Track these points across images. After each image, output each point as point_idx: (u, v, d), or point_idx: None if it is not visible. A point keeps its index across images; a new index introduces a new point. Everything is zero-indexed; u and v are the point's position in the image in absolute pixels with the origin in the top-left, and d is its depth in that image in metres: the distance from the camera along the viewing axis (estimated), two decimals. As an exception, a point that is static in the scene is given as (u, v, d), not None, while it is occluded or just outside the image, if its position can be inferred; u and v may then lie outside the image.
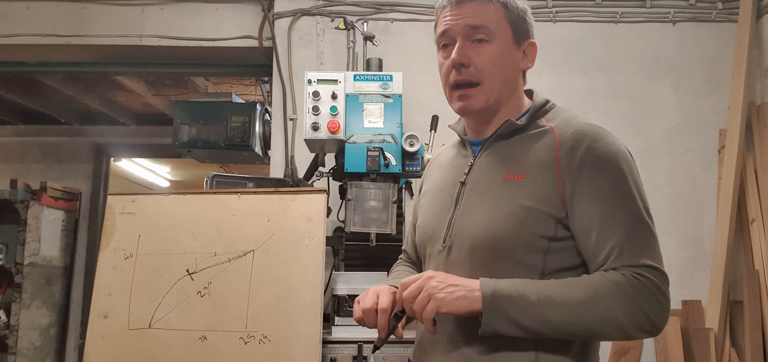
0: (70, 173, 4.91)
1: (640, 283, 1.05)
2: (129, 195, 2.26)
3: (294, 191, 2.23)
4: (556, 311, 1.05)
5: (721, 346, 2.75)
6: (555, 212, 1.10)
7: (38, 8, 3.32)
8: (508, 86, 1.23)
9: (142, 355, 2.02)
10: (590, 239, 1.09)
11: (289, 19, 3.15)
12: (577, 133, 1.13)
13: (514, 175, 1.14)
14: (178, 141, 2.96)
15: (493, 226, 1.13)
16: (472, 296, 1.06)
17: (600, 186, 1.09)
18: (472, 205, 1.19)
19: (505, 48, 1.20)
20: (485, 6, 1.18)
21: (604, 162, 1.10)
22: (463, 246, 1.17)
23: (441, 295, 1.07)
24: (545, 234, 1.10)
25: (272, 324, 1.99)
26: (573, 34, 3.14)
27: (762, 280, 2.76)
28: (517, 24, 1.21)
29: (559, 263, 1.12)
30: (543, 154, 1.14)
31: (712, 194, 3.02)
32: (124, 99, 4.77)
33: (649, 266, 1.07)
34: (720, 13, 3.12)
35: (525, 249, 1.11)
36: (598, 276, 1.08)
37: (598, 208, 1.09)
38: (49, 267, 4.40)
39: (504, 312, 1.05)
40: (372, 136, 2.29)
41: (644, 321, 1.05)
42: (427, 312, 1.07)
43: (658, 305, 1.06)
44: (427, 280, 1.09)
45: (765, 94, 2.99)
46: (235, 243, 2.11)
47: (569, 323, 1.05)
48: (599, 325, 1.05)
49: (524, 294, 1.06)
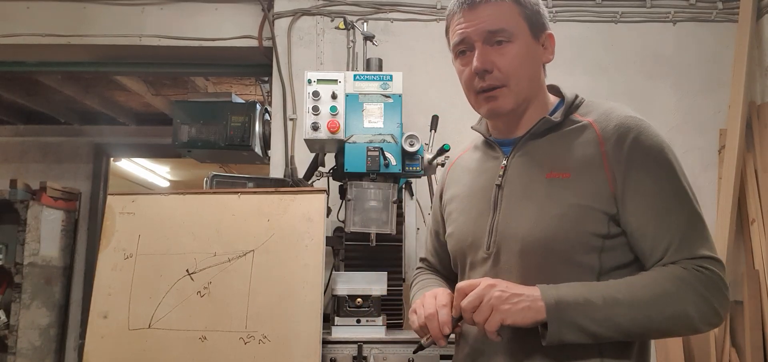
0: (69, 173, 4.91)
1: (704, 276, 1.03)
2: (129, 195, 2.26)
3: (294, 191, 2.23)
4: (624, 313, 1.01)
5: (721, 346, 2.75)
6: (607, 208, 1.07)
7: (38, 8, 3.32)
8: (534, 83, 1.19)
9: (141, 355, 2.02)
10: (647, 234, 1.06)
11: (289, 19, 3.15)
12: (620, 125, 1.10)
13: (559, 173, 1.10)
14: (177, 141, 2.96)
15: (544, 228, 1.08)
16: (536, 306, 1.02)
17: (652, 181, 1.07)
18: (516, 208, 1.14)
19: (526, 45, 1.16)
20: (499, 6, 1.14)
21: (653, 155, 1.08)
22: (512, 251, 1.12)
23: (505, 307, 1.02)
24: (599, 232, 1.07)
25: (272, 324, 1.99)
26: (573, 34, 3.14)
27: (762, 280, 2.75)
28: (533, 18, 1.17)
29: (615, 261, 1.09)
30: (588, 150, 1.10)
31: (712, 194, 3.02)
32: (123, 99, 4.77)
33: (708, 257, 1.05)
34: (720, 13, 3.12)
35: (580, 249, 1.07)
36: (661, 272, 1.05)
37: (652, 203, 1.06)
38: (48, 267, 4.39)
39: (570, 319, 1.01)
40: (372, 136, 2.29)
41: (711, 314, 1.04)
42: (490, 325, 1.03)
43: (722, 295, 1.04)
44: (488, 289, 1.04)
45: (765, 94, 2.99)
46: (235, 243, 2.11)
47: (638, 324, 1.02)
48: (669, 323, 1.03)
49: (589, 299, 1.02)
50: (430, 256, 1.44)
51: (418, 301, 1.18)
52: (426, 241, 1.47)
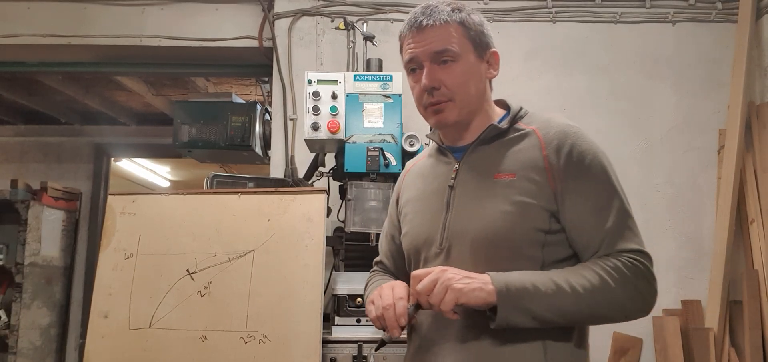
0: (70, 173, 4.92)
1: (636, 267, 1.14)
2: (129, 195, 2.26)
3: (294, 191, 2.23)
4: (568, 299, 1.11)
5: (720, 346, 2.75)
6: (548, 206, 1.17)
7: (38, 8, 3.32)
8: (479, 97, 1.29)
9: (142, 355, 2.02)
10: (584, 229, 1.18)
11: (289, 20, 3.15)
12: (560, 132, 1.22)
13: (505, 174, 1.21)
14: (178, 141, 2.97)
15: (492, 223, 1.18)
16: (487, 289, 1.11)
17: (588, 182, 1.18)
18: (466, 206, 1.24)
19: (470, 63, 1.26)
20: (445, 28, 1.24)
21: (588, 160, 1.19)
22: (463, 245, 1.21)
23: (459, 286, 1.11)
24: (542, 227, 1.17)
25: (272, 324, 2.00)
26: (573, 34, 3.14)
27: (761, 280, 2.76)
28: (476, 39, 1.27)
29: (555, 254, 1.19)
30: (531, 154, 1.22)
31: (711, 194, 3.03)
32: (124, 99, 4.77)
33: (639, 250, 1.16)
34: (720, 13, 3.12)
35: (525, 242, 1.17)
36: (598, 263, 1.15)
37: (588, 202, 1.17)
38: (49, 267, 4.40)
39: (518, 304, 1.10)
40: (372, 136, 2.29)
41: (641, 301, 1.15)
42: (445, 304, 1.10)
43: (649, 285, 1.16)
44: (441, 273, 1.13)
45: (765, 94, 3.00)
46: (235, 243, 2.11)
47: (579, 310, 1.12)
48: (606, 309, 1.13)
49: (536, 285, 1.11)
50: (386, 258, 1.51)
51: (376, 292, 1.25)
52: (381, 245, 1.54)
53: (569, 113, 3.07)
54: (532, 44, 3.13)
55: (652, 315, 2.94)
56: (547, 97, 3.05)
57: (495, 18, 3.09)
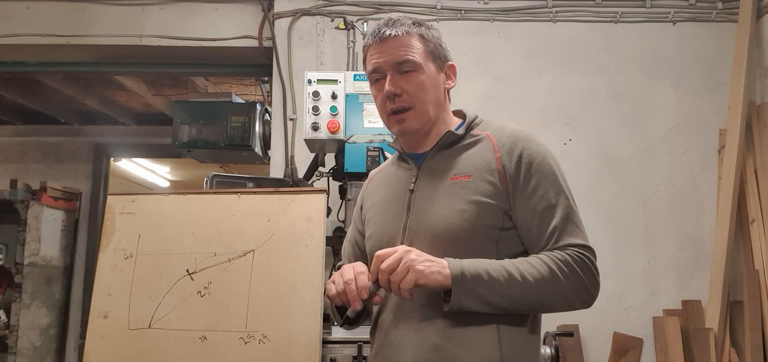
0: (70, 173, 4.91)
1: (581, 260, 1.22)
2: (129, 195, 2.26)
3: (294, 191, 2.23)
4: (518, 287, 1.19)
5: (721, 346, 2.75)
6: (502, 204, 1.26)
7: (38, 8, 3.32)
8: (438, 106, 1.37)
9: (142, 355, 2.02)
10: (533, 225, 1.26)
11: (289, 19, 3.15)
12: (512, 136, 1.32)
13: (461, 176, 1.30)
14: (178, 141, 2.96)
15: (450, 222, 1.26)
16: (444, 273, 1.18)
17: (537, 183, 1.27)
18: (425, 207, 1.32)
19: (429, 74, 1.35)
20: (406, 40, 1.34)
21: (538, 161, 1.28)
22: (423, 243, 1.27)
23: (420, 267, 1.17)
24: (495, 224, 1.26)
25: (272, 324, 1.99)
26: (573, 34, 3.14)
27: (762, 280, 2.76)
28: (434, 52, 1.37)
29: (508, 250, 1.27)
30: (485, 156, 1.31)
31: (712, 194, 3.02)
32: (124, 99, 4.77)
33: (583, 245, 1.24)
34: (720, 13, 3.12)
35: (481, 239, 1.26)
36: (547, 256, 1.23)
37: (537, 200, 1.26)
38: (49, 267, 4.40)
39: (471, 289, 1.18)
40: (372, 136, 2.29)
41: (585, 293, 1.23)
42: (405, 283, 1.17)
43: (594, 278, 1.24)
44: (405, 253, 1.19)
45: (765, 94, 2.99)
46: (235, 243, 2.11)
47: (528, 298, 1.20)
48: (552, 298, 1.22)
49: (489, 272, 1.19)
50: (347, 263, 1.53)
51: (337, 272, 1.30)
52: (344, 250, 1.60)
53: (569, 113, 3.07)
54: (532, 44, 3.13)
55: (653, 315, 2.94)
56: (547, 97, 3.05)
57: (495, 18, 3.09)
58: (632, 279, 2.98)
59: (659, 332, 2.87)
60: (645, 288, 2.98)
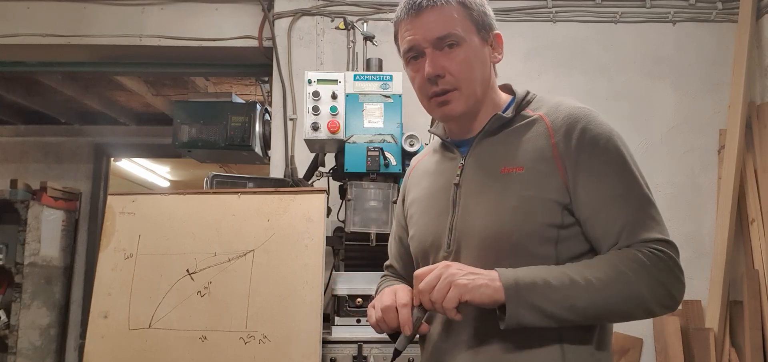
0: (70, 173, 4.91)
1: (658, 258, 1.04)
2: (129, 195, 2.26)
3: (294, 191, 2.23)
4: (581, 294, 1.02)
5: (721, 346, 2.75)
6: (560, 198, 1.08)
7: (38, 8, 3.32)
8: (485, 84, 1.20)
9: (142, 355, 2.02)
10: (599, 220, 1.08)
11: (289, 19, 3.15)
12: (569, 116, 1.12)
13: (512, 167, 1.12)
14: (178, 141, 2.96)
15: (501, 221, 1.09)
16: (494, 285, 1.02)
17: (602, 168, 1.08)
18: (473, 204, 1.15)
19: (475, 48, 1.17)
20: (446, 11, 1.15)
21: (601, 143, 1.09)
22: (471, 247, 1.13)
23: (463, 281, 1.01)
24: (553, 222, 1.08)
25: (272, 324, 1.99)
26: (573, 34, 3.14)
27: (762, 280, 2.76)
28: (479, 21, 1.19)
29: (570, 251, 1.10)
30: (539, 143, 1.12)
31: (712, 194, 3.02)
32: (124, 99, 4.77)
33: (662, 240, 1.06)
34: (720, 13, 3.12)
35: (536, 240, 1.08)
36: (616, 254, 1.06)
37: (603, 189, 1.08)
38: (49, 267, 4.40)
39: (528, 300, 1.01)
40: (372, 136, 2.29)
41: (666, 296, 1.05)
42: (448, 301, 1.01)
43: (676, 278, 1.06)
44: (444, 268, 1.04)
45: (765, 94, 2.99)
46: (235, 243, 2.11)
47: (595, 305, 1.03)
48: (624, 304, 1.04)
49: (547, 280, 1.02)
50: (395, 262, 1.43)
51: (378, 296, 1.17)
52: (390, 247, 1.46)
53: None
54: (532, 44, 3.13)
55: (653, 315, 2.94)
56: (547, 97, 3.05)
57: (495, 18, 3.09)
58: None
59: (659, 332, 2.86)
60: (645, 288, 2.98)
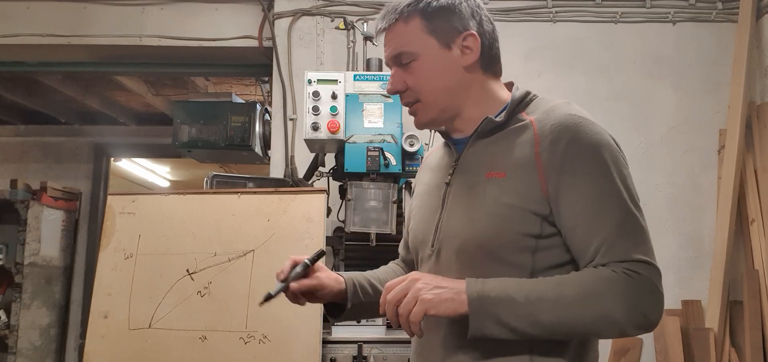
0: (70, 173, 4.91)
1: (633, 279, 1.01)
2: (129, 195, 2.26)
3: (294, 191, 2.23)
4: (547, 310, 1.01)
5: (721, 346, 2.75)
6: (539, 209, 1.07)
7: (38, 8, 3.32)
8: (453, 91, 1.19)
9: (142, 355, 2.02)
10: (577, 235, 1.06)
11: (289, 19, 3.15)
12: (557, 125, 1.09)
13: (496, 173, 1.11)
14: (178, 141, 2.96)
15: (479, 227, 1.10)
16: (459, 298, 1.03)
17: (584, 181, 1.05)
18: (457, 206, 1.16)
19: (434, 58, 1.17)
20: (398, 29, 1.18)
21: (586, 155, 1.06)
22: (451, 249, 1.14)
23: (428, 296, 1.02)
24: (531, 232, 1.07)
25: (272, 324, 2.00)
26: (573, 34, 3.14)
27: (762, 280, 2.76)
28: (440, 29, 1.17)
29: (549, 261, 1.08)
30: (524, 150, 1.10)
31: (712, 194, 3.02)
32: (124, 99, 4.77)
33: (640, 261, 1.03)
34: (720, 13, 3.12)
35: (512, 248, 1.08)
36: (590, 272, 1.04)
37: (583, 203, 1.05)
38: (49, 267, 4.40)
39: (491, 314, 1.01)
40: (372, 136, 2.29)
41: (640, 317, 1.02)
42: (414, 316, 1.02)
43: (652, 300, 1.03)
44: (412, 282, 1.04)
45: (765, 93, 2.99)
46: (235, 243, 2.11)
47: (561, 322, 1.02)
48: (594, 323, 1.02)
49: (512, 295, 1.02)
50: (402, 249, 1.48)
51: None
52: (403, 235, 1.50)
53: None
54: (532, 44, 3.13)
55: (653, 315, 2.94)
56: (547, 97, 3.05)
57: (495, 18, 3.04)
58: (632, 279, 2.98)
59: (659, 332, 2.86)
60: (645, 288, 2.98)
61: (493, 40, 1.24)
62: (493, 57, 1.24)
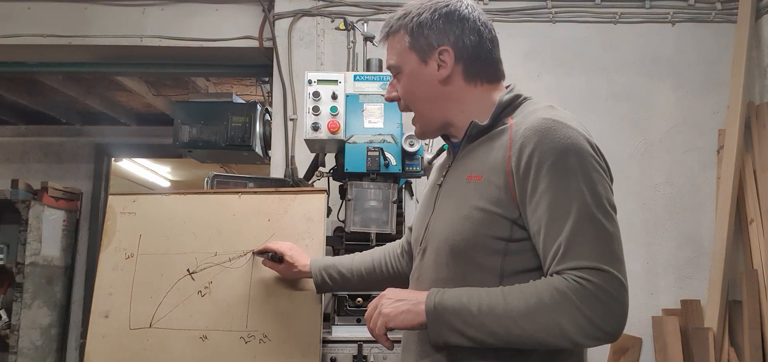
0: (71, 173, 4.92)
1: (582, 287, 0.99)
2: (130, 195, 2.26)
3: (294, 191, 2.23)
4: (498, 322, 1.03)
5: (720, 346, 2.76)
6: (508, 213, 1.08)
7: (39, 9, 3.33)
8: (434, 102, 1.24)
9: (142, 355, 2.03)
10: (539, 241, 1.06)
11: (290, 20, 3.16)
12: (528, 129, 1.09)
13: (475, 176, 1.15)
14: (178, 141, 2.97)
15: (452, 229, 1.15)
16: (417, 309, 1.10)
17: (548, 186, 1.04)
18: (443, 207, 1.22)
19: (412, 73, 1.25)
20: (392, 42, 1.27)
21: (550, 160, 1.05)
22: (433, 248, 1.20)
23: (387, 310, 1.12)
24: (501, 235, 1.09)
25: (272, 324, 2.00)
26: (572, 35, 3.15)
27: (761, 280, 2.76)
28: (418, 45, 1.23)
29: (518, 265, 1.10)
30: (498, 154, 1.12)
31: (711, 194, 3.03)
32: (124, 99, 4.78)
33: (595, 268, 1.01)
34: (719, 13, 3.13)
35: (482, 251, 1.10)
36: (542, 282, 1.04)
37: (544, 208, 1.04)
38: (50, 266, 4.41)
39: (448, 323, 1.07)
40: (372, 136, 2.30)
41: (590, 327, 1.00)
42: (378, 329, 1.13)
43: (604, 309, 1.00)
44: (380, 298, 1.15)
45: (764, 94, 3.00)
46: (235, 243, 2.12)
47: (511, 333, 1.03)
48: (543, 334, 1.01)
49: (466, 306, 1.05)
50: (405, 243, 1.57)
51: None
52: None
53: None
54: (532, 44, 3.13)
55: (652, 314, 2.95)
56: (547, 97, 3.02)
57: (495, 18, 3.10)
58: (631, 278, 2.92)
59: (658, 332, 2.87)
60: (644, 287, 2.99)
61: (480, 50, 1.24)
62: (483, 65, 1.25)
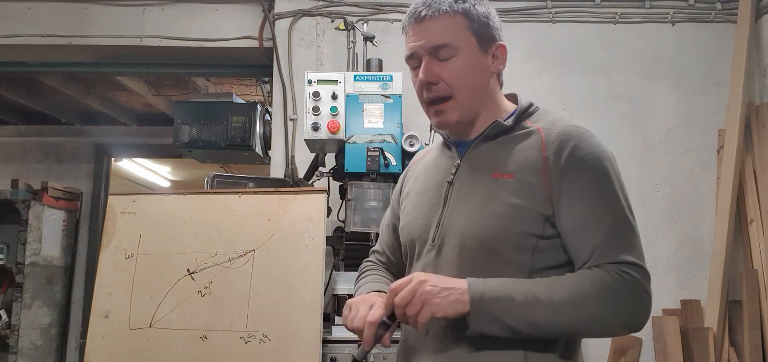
0: (71, 173, 4.92)
1: (624, 280, 1.07)
2: (130, 195, 2.27)
3: (294, 191, 2.24)
4: (542, 312, 1.06)
5: (720, 346, 2.76)
6: (543, 210, 1.12)
7: (39, 9, 3.33)
8: (480, 93, 1.24)
9: (142, 354, 2.03)
10: (575, 237, 1.12)
11: (290, 20, 3.16)
12: (563, 133, 1.15)
13: (503, 174, 1.16)
14: (178, 141, 2.97)
15: (483, 224, 1.14)
16: (464, 299, 1.08)
17: (585, 186, 1.12)
18: (461, 204, 1.20)
19: (471, 58, 1.21)
20: (445, 20, 1.19)
21: (589, 162, 1.13)
22: (453, 244, 1.17)
23: (436, 300, 1.07)
24: (534, 232, 1.12)
25: (272, 324, 2.00)
26: (572, 35, 3.15)
27: (761, 280, 2.76)
28: (480, 32, 1.21)
29: (547, 261, 1.14)
30: (531, 154, 1.16)
31: (711, 194, 3.03)
32: (124, 99, 4.78)
33: (631, 263, 1.09)
34: (719, 13, 3.13)
35: (514, 247, 1.13)
36: (583, 274, 1.10)
37: (583, 207, 1.11)
38: (50, 266, 4.41)
39: (491, 314, 1.07)
40: (372, 136, 2.30)
41: (627, 318, 1.09)
42: (421, 318, 1.07)
43: (640, 302, 1.08)
44: (419, 284, 1.08)
45: (764, 94, 3.00)
46: (235, 243, 2.12)
47: (555, 323, 1.07)
48: (584, 325, 1.08)
49: (512, 296, 1.07)
50: (386, 248, 1.47)
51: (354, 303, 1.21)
52: (381, 234, 1.51)
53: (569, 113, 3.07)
54: (531, 44, 3.14)
55: (652, 314, 2.94)
56: (547, 97, 3.06)
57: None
58: (631, 278, 2.98)
59: (658, 332, 2.87)
60: (644, 287, 2.99)
61: None
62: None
